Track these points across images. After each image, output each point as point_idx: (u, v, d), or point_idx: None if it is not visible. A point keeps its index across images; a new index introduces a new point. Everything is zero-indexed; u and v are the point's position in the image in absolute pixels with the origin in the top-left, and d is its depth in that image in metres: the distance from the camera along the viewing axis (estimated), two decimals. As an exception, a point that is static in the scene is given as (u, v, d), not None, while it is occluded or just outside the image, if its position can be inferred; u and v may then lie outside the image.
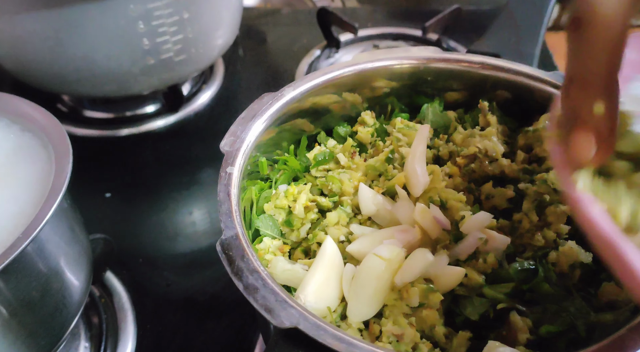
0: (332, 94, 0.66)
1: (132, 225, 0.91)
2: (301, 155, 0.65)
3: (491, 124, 0.63)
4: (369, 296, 0.49)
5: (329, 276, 0.51)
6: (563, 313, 0.47)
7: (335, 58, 1.27)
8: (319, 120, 0.68)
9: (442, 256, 0.52)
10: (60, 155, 0.56)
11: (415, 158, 0.57)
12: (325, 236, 0.55)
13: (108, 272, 0.81)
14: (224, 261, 0.46)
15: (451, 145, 0.64)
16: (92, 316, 0.76)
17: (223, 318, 0.76)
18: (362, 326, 0.50)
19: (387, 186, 0.60)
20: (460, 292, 0.51)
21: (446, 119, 0.68)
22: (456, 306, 0.51)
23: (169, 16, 0.91)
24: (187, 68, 1.02)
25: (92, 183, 0.98)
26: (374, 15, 1.43)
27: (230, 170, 0.53)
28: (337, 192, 0.60)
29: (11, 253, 0.46)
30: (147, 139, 1.07)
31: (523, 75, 0.64)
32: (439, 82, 0.67)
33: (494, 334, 0.49)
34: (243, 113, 0.59)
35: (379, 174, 0.62)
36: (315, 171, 0.63)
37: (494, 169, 0.60)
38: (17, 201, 0.54)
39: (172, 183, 0.98)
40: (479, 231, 0.52)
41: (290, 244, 0.58)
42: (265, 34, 1.40)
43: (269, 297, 0.43)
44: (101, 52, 0.90)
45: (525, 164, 0.61)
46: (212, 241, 0.87)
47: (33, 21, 0.86)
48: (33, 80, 0.99)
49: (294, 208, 0.57)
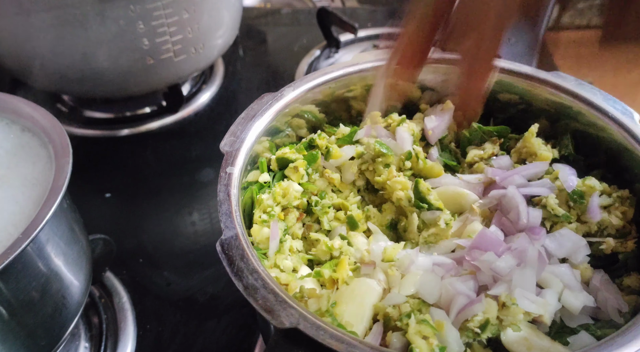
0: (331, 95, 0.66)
1: (132, 225, 0.91)
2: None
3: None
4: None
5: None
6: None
7: (335, 58, 1.27)
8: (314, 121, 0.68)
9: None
10: (60, 156, 0.56)
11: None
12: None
13: (108, 272, 0.81)
14: (224, 261, 0.46)
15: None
16: (92, 316, 0.76)
17: (223, 318, 0.76)
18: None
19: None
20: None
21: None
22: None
23: (169, 16, 0.91)
24: (187, 68, 1.02)
25: (92, 183, 0.98)
26: (374, 15, 1.43)
27: (230, 170, 0.53)
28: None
29: (11, 253, 0.46)
30: (147, 139, 1.07)
31: (523, 75, 0.64)
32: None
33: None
34: (243, 113, 0.59)
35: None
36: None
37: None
38: (17, 201, 0.54)
39: (172, 183, 0.98)
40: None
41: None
42: (265, 34, 1.40)
43: (269, 298, 0.43)
44: (101, 52, 0.90)
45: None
46: (212, 241, 0.87)
47: (33, 21, 0.86)
48: (33, 80, 0.98)
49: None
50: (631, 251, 0.55)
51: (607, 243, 0.55)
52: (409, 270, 0.52)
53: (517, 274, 0.48)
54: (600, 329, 0.49)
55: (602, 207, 0.57)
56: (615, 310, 0.50)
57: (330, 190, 0.62)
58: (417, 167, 0.64)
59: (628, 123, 0.57)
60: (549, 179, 0.58)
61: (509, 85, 0.65)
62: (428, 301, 0.49)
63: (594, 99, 0.60)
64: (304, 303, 0.49)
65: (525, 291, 0.47)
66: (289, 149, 0.62)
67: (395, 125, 0.65)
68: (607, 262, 0.55)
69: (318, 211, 0.59)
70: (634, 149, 0.56)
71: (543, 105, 0.64)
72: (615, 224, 0.55)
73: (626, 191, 0.57)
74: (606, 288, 0.51)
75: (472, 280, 0.50)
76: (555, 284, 0.50)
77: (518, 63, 0.64)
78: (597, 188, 0.56)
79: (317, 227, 0.60)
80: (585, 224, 0.56)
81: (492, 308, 0.46)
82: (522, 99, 0.65)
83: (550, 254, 0.53)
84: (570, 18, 1.60)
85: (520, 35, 0.75)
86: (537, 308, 0.47)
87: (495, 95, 0.66)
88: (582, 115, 0.61)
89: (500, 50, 0.66)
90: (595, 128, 0.60)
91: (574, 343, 0.47)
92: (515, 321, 0.46)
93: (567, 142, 0.62)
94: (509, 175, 0.59)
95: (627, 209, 0.56)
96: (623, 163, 0.58)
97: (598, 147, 0.61)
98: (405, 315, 0.46)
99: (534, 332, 0.47)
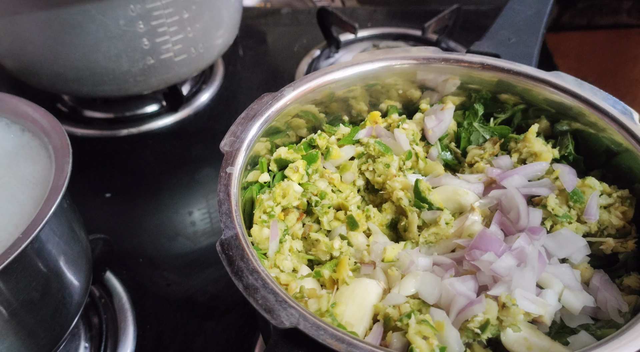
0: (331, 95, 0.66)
1: (132, 225, 0.91)
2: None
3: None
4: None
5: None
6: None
7: (335, 58, 1.27)
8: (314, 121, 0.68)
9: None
10: (60, 156, 0.56)
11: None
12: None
13: (108, 272, 0.81)
14: (224, 261, 0.46)
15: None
16: (92, 316, 0.76)
17: (223, 318, 0.76)
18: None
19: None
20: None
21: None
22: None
23: (169, 16, 0.91)
24: (187, 68, 1.02)
25: (92, 183, 0.98)
26: (374, 15, 1.43)
27: (230, 170, 0.53)
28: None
29: (11, 253, 0.46)
30: (147, 139, 1.07)
31: (523, 75, 0.64)
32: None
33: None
34: (243, 113, 0.59)
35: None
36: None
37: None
38: (17, 200, 0.54)
39: (172, 183, 0.98)
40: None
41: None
42: (265, 34, 1.40)
43: (269, 297, 0.43)
44: (101, 52, 0.90)
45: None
46: (212, 241, 0.88)
47: (33, 21, 0.86)
48: (33, 80, 0.99)
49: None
50: (631, 251, 0.55)
51: (607, 243, 0.55)
52: (409, 270, 0.52)
53: (517, 274, 0.48)
54: (600, 329, 0.49)
55: (602, 207, 0.57)
56: (615, 310, 0.49)
57: (330, 190, 0.62)
58: (417, 167, 0.64)
59: (628, 123, 0.57)
60: (549, 179, 0.58)
61: (509, 85, 0.65)
62: (428, 301, 0.49)
63: (594, 99, 0.59)
64: (304, 303, 0.49)
65: (525, 291, 0.47)
66: (286, 149, 0.62)
67: (395, 126, 0.65)
68: (607, 262, 0.55)
69: (318, 211, 0.59)
70: (634, 149, 0.56)
71: (543, 105, 0.64)
72: (615, 224, 0.55)
73: (626, 191, 0.57)
74: (606, 288, 0.51)
75: (472, 280, 0.50)
76: (555, 284, 0.50)
77: (518, 63, 0.64)
78: (596, 188, 0.56)
79: (317, 228, 0.60)
80: (585, 224, 0.56)
81: (492, 309, 0.46)
82: (522, 99, 0.65)
83: (550, 254, 0.53)
84: (570, 18, 1.60)
85: (520, 35, 0.75)
86: (537, 308, 0.47)
87: (495, 95, 0.66)
88: (582, 115, 0.61)
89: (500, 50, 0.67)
90: (595, 128, 0.60)
91: (574, 343, 0.47)
92: (515, 321, 0.46)
93: (567, 142, 0.62)
94: (509, 175, 0.59)
95: (627, 209, 0.56)
96: (623, 163, 0.58)
97: (598, 147, 0.60)
98: (405, 315, 0.46)
99: (534, 332, 0.47)
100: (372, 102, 0.70)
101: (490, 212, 0.58)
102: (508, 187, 0.57)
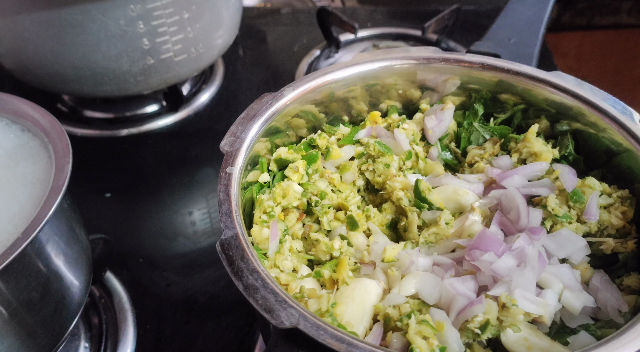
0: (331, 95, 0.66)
1: (132, 225, 0.91)
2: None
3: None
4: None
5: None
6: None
7: (335, 58, 1.27)
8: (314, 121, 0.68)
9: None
10: (60, 156, 0.56)
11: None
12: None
13: (108, 272, 0.81)
14: (224, 261, 0.46)
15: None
16: (92, 316, 0.76)
17: (223, 318, 0.76)
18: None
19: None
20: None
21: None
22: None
23: (169, 16, 0.91)
24: (187, 68, 1.02)
25: (92, 183, 0.98)
26: (374, 15, 1.43)
27: (230, 170, 0.53)
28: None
29: (11, 253, 0.46)
30: (147, 139, 1.07)
31: (523, 75, 0.64)
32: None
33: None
34: (243, 113, 0.59)
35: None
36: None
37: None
38: (17, 200, 0.54)
39: (172, 183, 0.98)
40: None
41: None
42: (265, 34, 1.40)
43: (269, 298, 0.43)
44: (101, 52, 0.90)
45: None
46: (212, 241, 0.88)
47: (34, 21, 0.86)
48: (33, 80, 0.99)
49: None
50: (631, 251, 0.55)
51: (607, 243, 0.55)
52: (409, 270, 0.52)
53: (517, 274, 0.48)
54: (600, 329, 0.49)
55: (602, 207, 0.57)
56: (615, 310, 0.49)
57: (330, 190, 0.62)
58: (417, 167, 0.64)
59: (628, 123, 0.57)
60: (549, 179, 0.58)
61: (509, 86, 0.65)
62: (428, 301, 0.49)
63: (594, 99, 0.59)
64: (304, 303, 0.49)
65: (525, 291, 0.47)
66: (286, 149, 0.62)
67: (395, 126, 0.65)
68: (607, 262, 0.55)
69: (318, 211, 0.59)
70: (634, 149, 0.56)
71: (543, 105, 0.64)
72: (615, 224, 0.55)
73: (626, 191, 0.57)
74: (606, 288, 0.51)
75: (472, 280, 0.50)
76: (555, 285, 0.50)
77: (518, 63, 0.64)
78: (596, 188, 0.56)
79: (317, 228, 0.60)
80: (585, 224, 0.56)
81: (492, 309, 0.46)
82: (522, 99, 0.65)
83: (550, 254, 0.53)
84: (570, 18, 1.60)
85: (520, 35, 0.75)
86: (537, 308, 0.47)
87: (495, 95, 0.66)
88: (582, 116, 0.61)
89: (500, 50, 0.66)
90: (595, 128, 0.60)
91: (574, 343, 0.47)
92: (515, 321, 0.46)
93: (567, 142, 0.62)
94: (509, 175, 0.59)
95: (627, 209, 0.56)
96: (623, 163, 0.58)
97: (598, 147, 0.61)
98: (405, 315, 0.46)
99: (534, 332, 0.47)
100: (372, 102, 0.70)
101: (490, 212, 0.58)
102: (508, 187, 0.57)
